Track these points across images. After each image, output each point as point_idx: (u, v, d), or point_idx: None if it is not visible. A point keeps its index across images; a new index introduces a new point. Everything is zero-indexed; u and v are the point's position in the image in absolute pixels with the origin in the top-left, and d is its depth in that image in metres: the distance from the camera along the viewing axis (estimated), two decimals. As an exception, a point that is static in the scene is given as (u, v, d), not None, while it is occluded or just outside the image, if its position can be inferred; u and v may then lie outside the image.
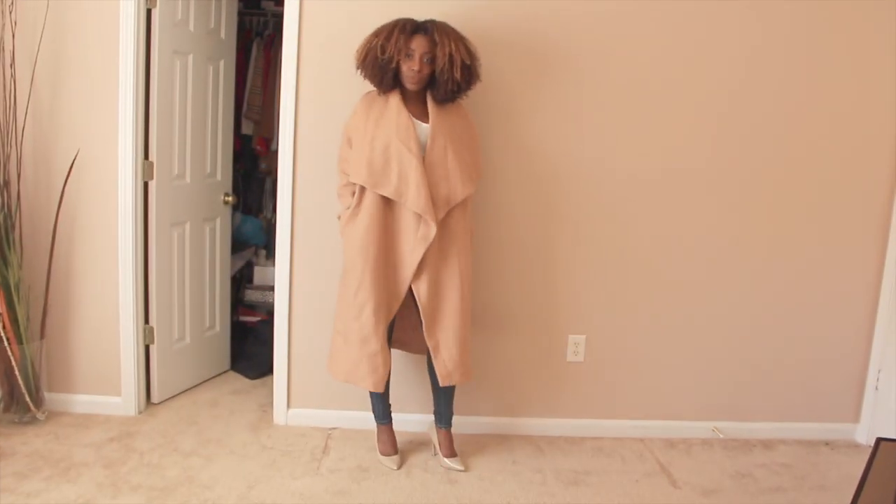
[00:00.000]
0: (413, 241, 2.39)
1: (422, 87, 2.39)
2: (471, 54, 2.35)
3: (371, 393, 2.62)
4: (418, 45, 2.31)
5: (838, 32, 2.81)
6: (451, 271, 2.44)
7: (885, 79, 2.85)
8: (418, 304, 2.44)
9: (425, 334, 2.46)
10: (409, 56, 2.31)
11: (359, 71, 2.40)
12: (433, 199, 2.35)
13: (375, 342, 2.40)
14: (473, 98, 2.54)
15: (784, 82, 2.83)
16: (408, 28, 2.31)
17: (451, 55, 2.29)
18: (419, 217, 2.37)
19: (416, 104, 2.43)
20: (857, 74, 2.84)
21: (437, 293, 2.44)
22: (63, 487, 2.34)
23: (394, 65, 2.31)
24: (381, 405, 2.67)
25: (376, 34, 2.33)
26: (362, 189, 2.40)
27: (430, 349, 2.47)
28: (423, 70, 2.33)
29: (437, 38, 2.30)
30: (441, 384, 2.49)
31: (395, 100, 2.40)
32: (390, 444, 2.66)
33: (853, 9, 2.79)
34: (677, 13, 2.76)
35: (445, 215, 2.40)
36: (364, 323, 2.40)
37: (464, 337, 2.48)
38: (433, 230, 2.36)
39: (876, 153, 2.90)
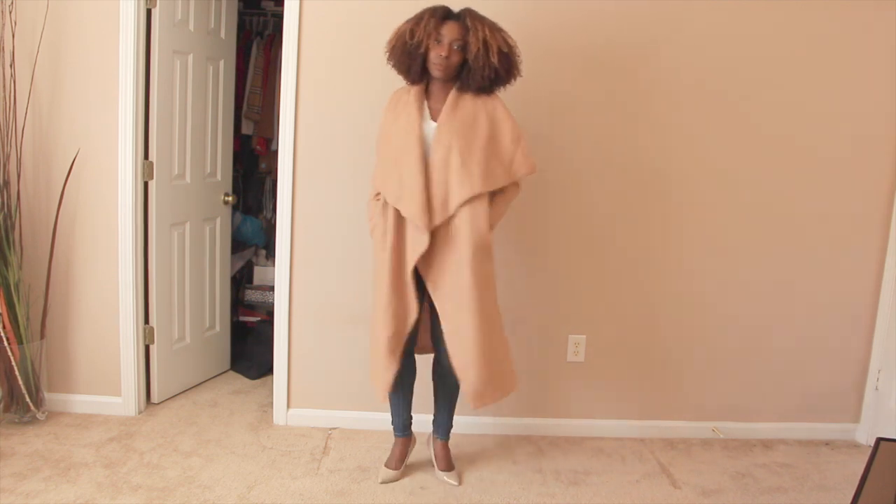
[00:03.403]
0: (409, 253, 2.25)
1: (449, 76, 2.23)
2: (508, 44, 2.21)
3: (391, 403, 2.52)
4: (449, 30, 2.18)
5: (838, 33, 2.81)
6: (464, 280, 2.22)
7: (885, 80, 2.85)
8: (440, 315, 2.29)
9: (450, 352, 2.29)
10: (438, 42, 2.18)
11: (389, 63, 2.28)
12: (431, 205, 2.20)
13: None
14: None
15: (783, 83, 2.83)
16: (439, 13, 2.20)
17: (485, 40, 2.15)
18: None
19: (442, 101, 2.28)
20: (857, 75, 2.84)
21: (454, 306, 2.26)
22: (63, 488, 2.34)
23: (422, 51, 2.19)
24: (399, 416, 2.55)
25: (407, 21, 2.22)
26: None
27: (456, 368, 2.29)
28: (452, 57, 2.19)
29: (469, 23, 2.17)
30: (473, 406, 2.31)
31: (413, 94, 2.28)
32: (396, 458, 2.56)
33: (854, 9, 2.79)
34: (676, 12, 2.76)
35: (449, 220, 2.23)
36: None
37: (487, 351, 2.25)
38: (424, 240, 2.20)
39: (876, 154, 2.90)
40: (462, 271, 2.22)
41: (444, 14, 2.21)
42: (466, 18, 2.19)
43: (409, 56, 2.22)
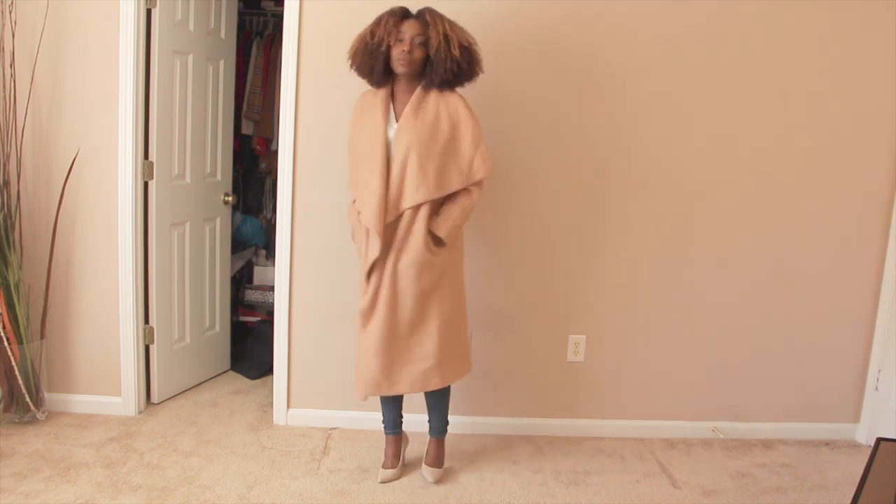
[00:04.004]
0: (367, 258, 2.31)
1: (413, 71, 2.26)
2: (468, 39, 2.26)
3: (381, 402, 2.56)
4: (409, 27, 2.23)
5: (838, 33, 2.81)
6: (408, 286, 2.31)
7: (885, 79, 2.84)
8: None
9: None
10: (399, 40, 2.22)
11: (352, 69, 2.33)
12: (386, 207, 2.23)
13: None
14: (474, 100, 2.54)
15: (783, 84, 2.83)
16: (398, 13, 2.25)
17: (446, 34, 2.20)
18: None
19: (407, 102, 2.30)
20: (857, 76, 2.84)
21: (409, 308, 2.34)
22: (63, 488, 2.34)
23: (383, 49, 2.22)
24: (389, 415, 2.58)
25: (367, 26, 2.29)
26: None
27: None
28: (415, 52, 2.22)
29: (429, 19, 2.22)
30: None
31: (380, 97, 2.31)
32: (390, 457, 2.57)
33: (854, 10, 2.79)
34: (675, 15, 2.76)
35: (398, 219, 2.27)
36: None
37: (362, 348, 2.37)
38: (376, 247, 2.25)
39: (876, 155, 2.90)
40: (406, 276, 2.29)
41: (403, 13, 2.27)
42: (426, 15, 2.25)
43: (371, 56, 2.25)
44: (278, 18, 3.73)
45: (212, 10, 3.19)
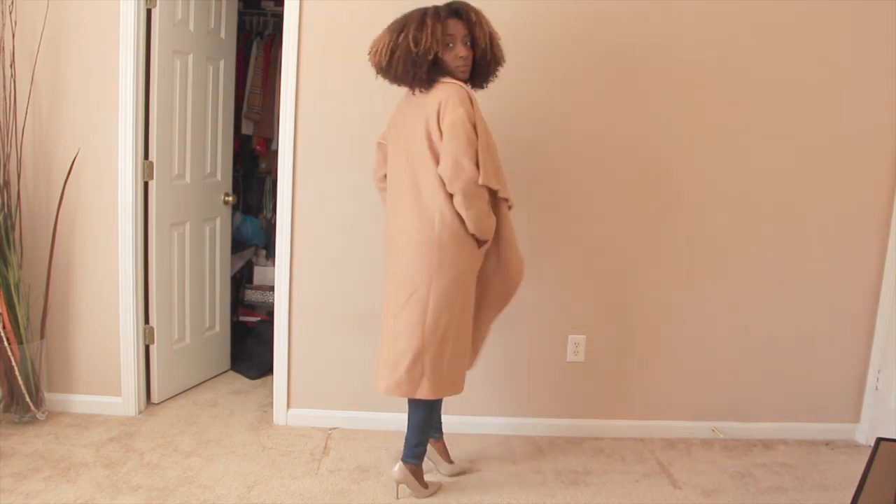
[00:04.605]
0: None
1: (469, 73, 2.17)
2: (494, 31, 2.19)
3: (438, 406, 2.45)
4: (456, 29, 2.09)
5: (838, 31, 2.81)
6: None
7: (886, 79, 2.85)
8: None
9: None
10: (450, 44, 2.09)
11: (379, 75, 2.18)
12: None
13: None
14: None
15: (783, 83, 2.83)
16: (441, 14, 2.08)
17: (491, 34, 2.12)
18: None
19: None
20: (857, 74, 2.84)
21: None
22: (63, 488, 2.34)
23: (431, 56, 2.06)
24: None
25: (398, 30, 2.10)
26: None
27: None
28: (469, 55, 2.12)
29: (473, 18, 2.10)
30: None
31: (473, 93, 2.19)
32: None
33: (855, 7, 2.79)
34: (672, 16, 2.76)
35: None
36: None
37: None
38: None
39: (876, 153, 2.90)
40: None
41: (445, 14, 2.11)
42: (470, 14, 2.12)
43: (414, 65, 2.07)
44: (278, 18, 3.73)
45: (212, 10, 3.19)
